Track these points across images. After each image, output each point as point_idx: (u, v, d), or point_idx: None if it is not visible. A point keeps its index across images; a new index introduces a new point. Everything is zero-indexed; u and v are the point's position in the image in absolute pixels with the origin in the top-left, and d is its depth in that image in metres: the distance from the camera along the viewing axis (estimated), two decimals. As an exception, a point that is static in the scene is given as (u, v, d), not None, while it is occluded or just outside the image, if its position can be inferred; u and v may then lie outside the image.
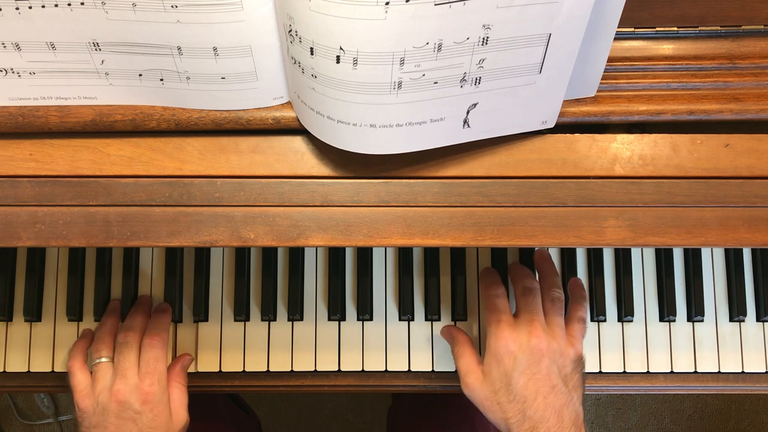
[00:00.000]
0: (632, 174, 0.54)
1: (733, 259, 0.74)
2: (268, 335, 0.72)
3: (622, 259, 0.73)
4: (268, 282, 0.72)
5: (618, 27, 0.48)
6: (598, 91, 0.53)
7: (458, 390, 0.70)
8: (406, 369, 0.72)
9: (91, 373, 0.65)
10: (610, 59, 0.51)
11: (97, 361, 0.65)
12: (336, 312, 0.72)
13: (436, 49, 0.44)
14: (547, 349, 0.58)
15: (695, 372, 0.72)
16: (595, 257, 0.73)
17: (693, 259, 0.74)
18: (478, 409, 0.65)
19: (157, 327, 0.66)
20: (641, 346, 0.73)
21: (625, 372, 0.72)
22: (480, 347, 0.72)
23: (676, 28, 0.53)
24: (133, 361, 0.63)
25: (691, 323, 0.73)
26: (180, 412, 0.65)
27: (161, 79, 0.51)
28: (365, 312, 0.72)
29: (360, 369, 0.72)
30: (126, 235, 0.53)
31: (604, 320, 0.73)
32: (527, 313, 0.61)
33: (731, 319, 0.73)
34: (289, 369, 0.72)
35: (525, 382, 0.57)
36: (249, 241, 0.53)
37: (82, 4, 0.45)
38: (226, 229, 0.53)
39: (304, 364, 0.72)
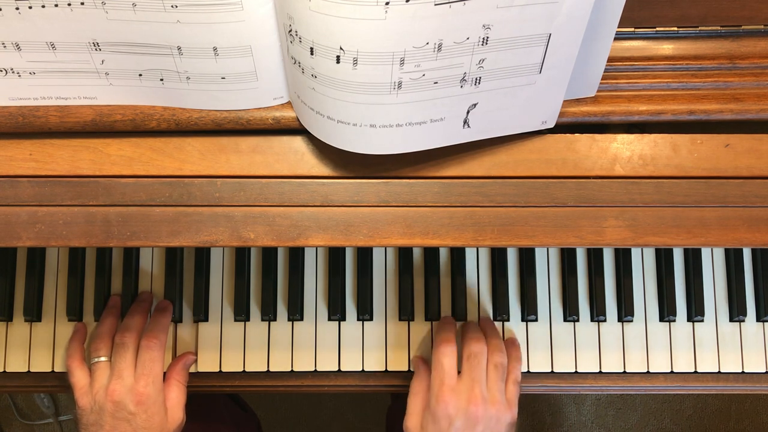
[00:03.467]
0: (632, 174, 0.54)
1: (733, 259, 0.74)
2: (268, 335, 0.72)
3: (622, 259, 0.73)
4: (268, 282, 0.72)
5: (618, 27, 0.48)
6: (598, 91, 0.53)
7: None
8: (406, 369, 0.72)
9: (90, 371, 0.65)
10: (610, 59, 0.51)
11: (96, 360, 0.65)
12: (336, 312, 0.72)
13: (436, 49, 0.44)
14: (483, 415, 0.60)
15: (695, 372, 0.72)
16: (595, 257, 0.73)
17: (693, 259, 0.74)
18: None
19: (155, 328, 0.67)
20: (641, 346, 0.73)
21: (625, 372, 0.72)
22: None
23: (676, 28, 0.53)
24: (129, 361, 0.64)
25: (691, 323, 0.73)
26: (176, 412, 0.65)
27: (161, 79, 0.51)
28: (365, 312, 0.72)
29: (360, 369, 0.72)
30: (126, 235, 0.53)
31: (604, 320, 0.73)
32: (470, 378, 0.62)
33: (731, 319, 0.73)
34: (289, 369, 0.72)
35: None
36: (249, 241, 0.53)
37: (82, 4, 0.45)
38: (226, 229, 0.53)
39: (304, 364, 0.72)
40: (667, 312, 0.72)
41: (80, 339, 0.70)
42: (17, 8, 0.46)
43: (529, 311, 0.72)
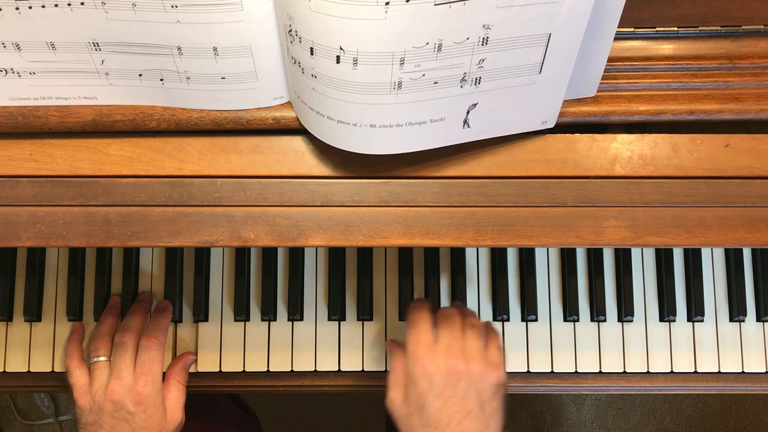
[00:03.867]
0: (632, 174, 0.54)
1: (733, 259, 0.74)
2: (268, 335, 0.72)
3: (622, 259, 0.73)
4: (268, 282, 0.72)
5: (618, 27, 0.48)
6: (598, 91, 0.53)
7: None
8: (406, 369, 0.72)
9: (90, 371, 0.65)
10: (610, 59, 0.51)
11: (95, 359, 0.65)
12: (336, 312, 0.72)
13: (436, 49, 0.44)
14: (465, 371, 0.56)
15: (695, 372, 0.72)
16: (595, 257, 0.73)
17: (693, 259, 0.74)
18: None
19: (155, 328, 0.67)
20: (641, 346, 0.73)
21: (625, 372, 0.72)
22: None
23: (676, 28, 0.53)
24: (128, 361, 0.63)
25: (691, 323, 0.73)
26: (175, 412, 0.65)
27: (161, 79, 0.51)
28: (365, 312, 0.72)
29: (360, 369, 0.72)
30: (126, 235, 0.53)
31: (604, 320, 0.73)
32: (446, 336, 0.58)
33: (731, 319, 0.73)
34: (289, 369, 0.72)
35: (439, 406, 0.55)
36: (249, 241, 0.53)
37: (82, 4, 0.45)
38: (226, 229, 0.53)
39: (304, 364, 0.72)
40: (667, 312, 0.72)
41: (78, 339, 0.70)
42: (17, 8, 0.46)
43: (529, 311, 0.72)
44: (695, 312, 0.72)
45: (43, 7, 0.45)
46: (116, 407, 0.61)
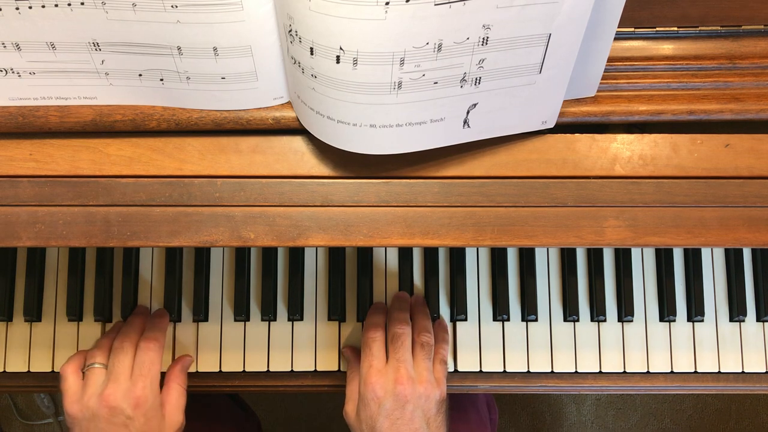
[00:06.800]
0: (632, 174, 0.54)
1: (733, 259, 0.74)
2: (268, 335, 0.72)
3: (622, 259, 0.73)
4: (268, 282, 0.72)
5: (618, 27, 0.48)
6: (598, 91, 0.53)
7: (451, 390, 0.71)
8: (406, 369, 0.72)
9: (84, 377, 0.63)
10: (610, 59, 0.51)
11: (90, 366, 0.63)
12: (336, 312, 0.72)
13: (436, 50, 0.44)
14: (411, 394, 0.61)
15: (695, 372, 0.72)
16: (595, 257, 0.73)
17: (693, 259, 0.74)
18: (472, 407, 0.66)
19: (153, 330, 0.66)
20: (641, 346, 0.73)
21: (625, 372, 0.72)
22: (480, 348, 0.72)
23: (676, 28, 0.53)
24: (127, 365, 0.62)
25: (691, 323, 0.73)
26: (175, 415, 0.64)
27: (161, 79, 0.51)
28: (365, 312, 0.72)
29: (360, 369, 0.72)
30: (126, 235, 0.53)
31: (604, 320, 0.73)
32: (395, 359, 0.63)
33: (731, 319, 0.73)
34: (289, 369, 0.72)
35: (388, 426, 0.60)
36: (249, 241, 0.53)
37: (82, 4, 0.45)
38: (226, 229, 0.53)
39: (304, 364, 0.72)
40: (667, 312, 0.72)
41: (85, 352, 0.67)
42: (17, 8, 0.46)
43: (529, 311, 0.72)
44: (695, 312, 0.72)
45: (43, 7, 0.46)
46: (113, 412, 0.59)
